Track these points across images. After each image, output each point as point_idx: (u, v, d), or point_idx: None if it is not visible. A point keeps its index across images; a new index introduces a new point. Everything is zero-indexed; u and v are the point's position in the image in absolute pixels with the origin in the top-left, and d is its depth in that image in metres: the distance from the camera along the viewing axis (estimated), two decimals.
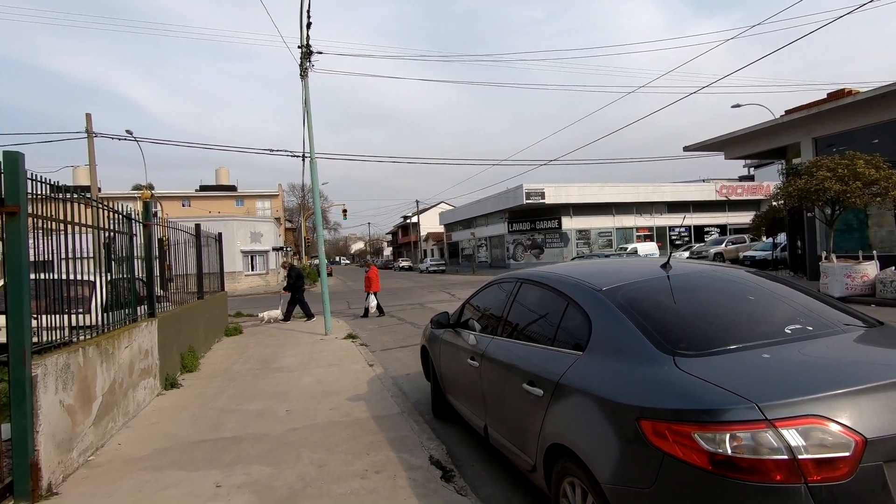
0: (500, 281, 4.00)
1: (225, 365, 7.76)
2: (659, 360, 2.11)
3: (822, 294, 2.77)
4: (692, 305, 2.59)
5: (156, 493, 3.36)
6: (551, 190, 37.34)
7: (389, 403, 5.25)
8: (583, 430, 2.26)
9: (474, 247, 49.31)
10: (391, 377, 6.66)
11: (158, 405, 5.60)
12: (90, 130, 19.63)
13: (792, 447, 1.61)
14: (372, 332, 11.13)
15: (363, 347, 8.81)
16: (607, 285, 2.74)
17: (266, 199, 54.10)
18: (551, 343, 2.83)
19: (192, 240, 9.22)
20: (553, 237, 39.74)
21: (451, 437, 4.46)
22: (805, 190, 12.62)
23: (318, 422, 4.74)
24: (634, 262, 3.45)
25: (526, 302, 3.44)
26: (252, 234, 34.24)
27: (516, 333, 3.30)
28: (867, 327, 2.40)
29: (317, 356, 8.10)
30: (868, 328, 2.40)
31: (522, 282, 3.52)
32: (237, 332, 11.12)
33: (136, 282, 5.90)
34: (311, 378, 6.58)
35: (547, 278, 3.23)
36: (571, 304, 2.80)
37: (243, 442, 4.29)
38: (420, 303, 17.68)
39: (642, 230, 40.99)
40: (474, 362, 3.65)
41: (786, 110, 18.30)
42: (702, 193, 41.91)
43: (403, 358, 8.13)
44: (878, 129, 15.06)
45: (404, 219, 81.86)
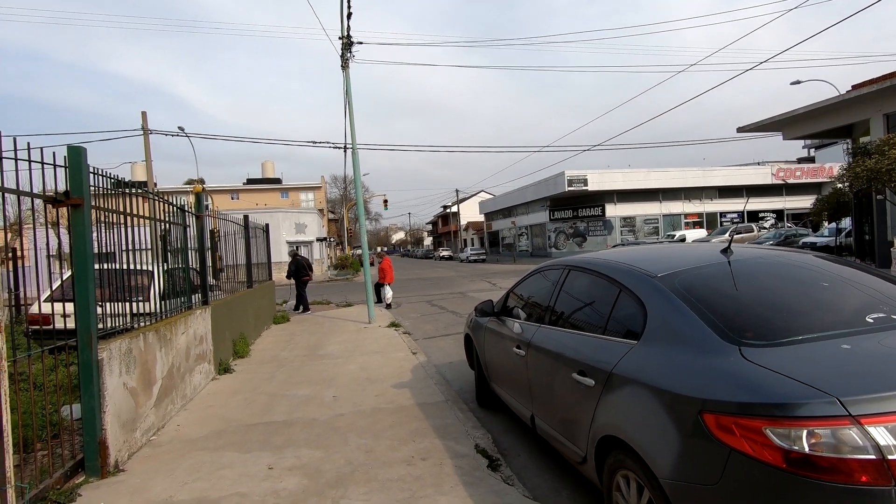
0: (547, 268, 3.90)
1: (274, 351, 8.01)
2: (723, 349, 1.98)
3: None
4: (758, 292, 2.42)
5: (213, 473, 3.49)
6: (594, 176, 36.37)
7: (433, 391, 5.26)
8: (639, 423, 2.16)
9: (515, 235, 48.84)
10: (434, 365, 6.69)
11: (213, 389, 5.84)
12: (146, 128, 20.60)
13: (881, 446, 1.46)
14: (414, 321, 11.22)
15: (406, 336, 8.89)
16: (663, 272, 2.60)
17: (309, 190, 55.42)
18: (602, 332, 2.73)
19: (241, 231, 9.53)
20: (596, 225, 38.78)
21: (496, 426, 4.42)
22: (875, 170, 11.72)
23: (363, 408, 4.81)
24: (690, 248, 3.27)
25: (574, 290, 3.33)
26: (297, 226, 35.17)
27: (564, 322, 3.21)
28: None
29: (361, 344, 8.24)
30: None
31: (570, 269, 3.41)
32: (285, 321, 11.46)
33: (191, 271, 6.14)
34: (356, 365, 6.70)
35: (597, 265, 3.11)
36: (624, 291, 2.68)
37: (293, 426, 4.40)
38: (461, 292, 17.68)
39: (691, 216, 39.38)
40: (520, 351, 3.58)
41: (853, 85, 17.01)
42: (756, 177, 39.75)
43: (446, 347, 8.14)
44: None
45: (444, 208, 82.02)
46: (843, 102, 16.44)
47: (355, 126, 11.16)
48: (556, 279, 3.56)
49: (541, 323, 3.47)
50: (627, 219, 38.58)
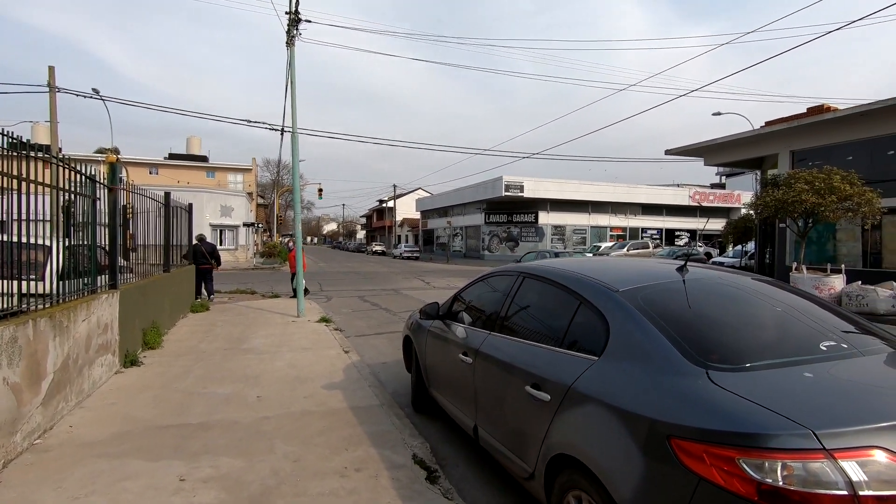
0: (498, 273, 3.79)
1: (191, 343, 7.35)
2: (690, 372, 1.94)
3: (839, 308, 2.65)
4: (718, 314, 2.43)
5: (112, 486, 3.04)
6: (530, 184, 37.37)
7: (367, 394, 5.01)
8: (599, 443, 2.07)
9: (450, 235, 49.12)
10: (368, 365, 6.41)
11: (117, 384, 5.21)
12: (52, 84, 18.40)
13: (853, 482, 1.45)
14: (346, 317, 10.82)
15: (337, 332, 8.51)
16: (624, 286, 2.56)
17: (239, 172, 52.44)
18: (560, 344, 2.64)
19: (161, 209, 8.69)
20: (529, 231, 39.88)
21: (434, 433, 4.26)
22: (783, 201, 12.85)
23: (291, 410, 4.46)
24: (645, 263, 3.28)
25: (528, 298, 3.23)
26: (222, 208, 33.12)
27: (517, 331, 3.10)
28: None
29: (289, 339, 7.77)
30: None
31: (525, 276, 3.32)
32: (204, 309, 10.63)
33: (98, 250, 5.45)
34: (284, 362, 6.27)
35: (554, 274, 3.02)
36: (584, 304, 2.61)
37: (211, 429, 3.98)
38: (395, 289, 17.40)
39: (616, 230, 41.58)
40: (467, 358, 3.44)
41: (766, 122, 18.63)
42: (675, 198, 42.74)
43: (379, 345, 7.88)
44: (853, 146, 15.48)
45: (380, 203, 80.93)
46: (757, 136, 17.95)
47: (297, 109, 10.57)
48: (508, 286, 3.45)
49: (491, 330, 3.35)
50: (558, 227, 40.02)
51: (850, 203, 12.38)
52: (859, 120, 14.88)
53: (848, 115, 14.95)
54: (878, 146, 14.98)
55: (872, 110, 14.30)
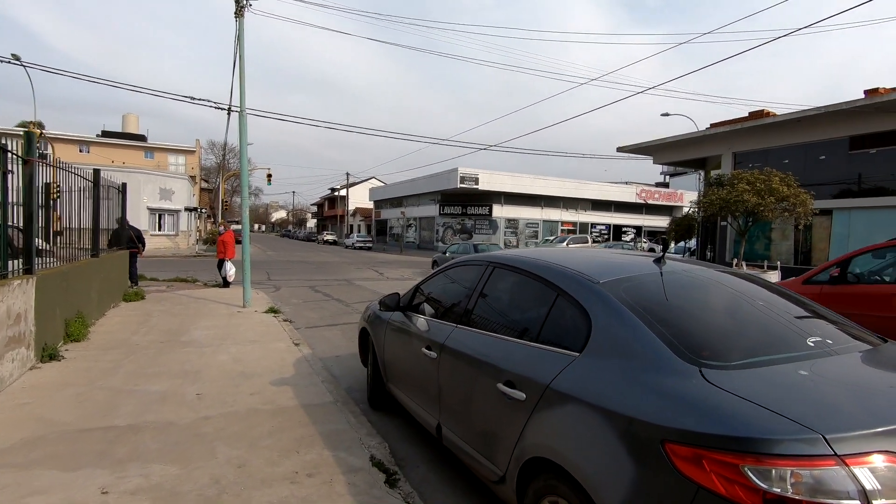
0: (464, 263, 3.58)
1: (122, 335, 6.72)
2: (682, 370, 1.80)
3: (812, 303, 2.63)
4: (701, 308, 2.33)
5: (17, 502, 2.61)
6: (485, 176, 37.48)
7: (320, 390, 4.69)
8: (581, 447, 1.91)
9: (403, 226, 48.64)
10: (320, 359, 6.07)
11: (32, 381, 4.63)
12: None
13: (867, 490, 1.34)
14: (296, 308, 10.34)
15: (287, 324, 8.07)
16: (605, 277, 2.41)
17: (181, 154, 49.53)
18: (535, 339, 2.46)
19: (90, 188, 7.90)
20: (483, 224, 40.08)
21: (392, 431, 4.02)
22: (726, 200, 13.42)
23: (236, 409, 4.09)
24: (620, 255, 3.17)
25: (499, 290, 3.05)
26: (162, 191, 31.17)
27: (488, 325, 2.90)
28: (881, 343, 2.27)
29: (234, 331, 7.27)
30: (884, 344, 2.27)
31: (495, 266, 3.12)
32: (139, 298, 9.84)
33: (11, 230, 4.81)
34: (228, 356, 5.82)
35: (528, 264, 2.85)
36: (562, 296, 2.44)
37: (142, 432, 3.56)
38: (347, 279, 16.92)
39: (567, 224, 42.51)
40: (431, 353, 3.22)
41: (711, 124, 19.45)
42: (623, 195, 44.18)
43: (332, 338, 7.53)
44: (790, 149, 16.40)
45: (332, 191, 79.01)
46: (702, 137, 18.70)
47: (245, 87, 9.92)
48: (476, 277, 3.25)
49: (457, 324, 3.14)
50: (512, 220, 40.45)
51: (787, 204, 13.10)
52: (795, 125, 15.76)
53: (785, 120, 15.81)
54: (811, 151, 15.95)
55: (806, 117, 15.18)
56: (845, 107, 14.07)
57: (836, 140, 15.15)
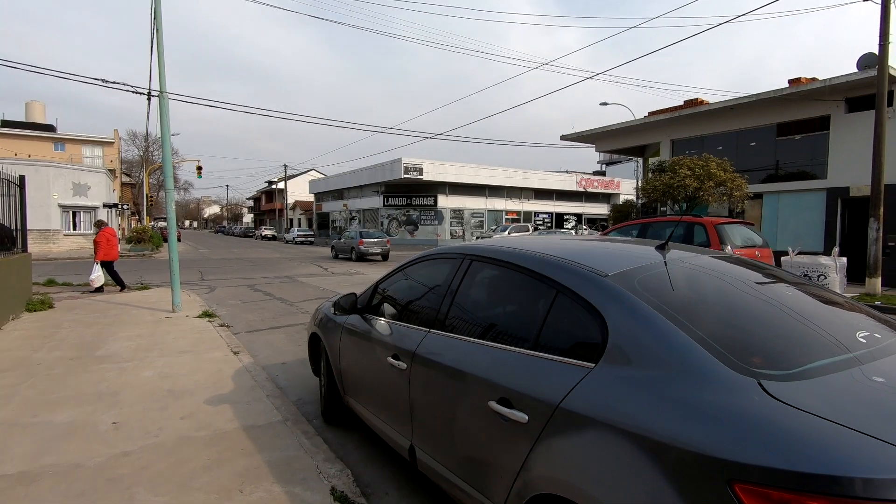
0: (433, 257, 3.12)
1: (21, 353, 5.73)
2: (736, 383, 1.45)
3: (831, 290, 2.39)
4: (734, 303, 1.99)
5: None
6: (430, 166, 37.01)
7: (266, 406, 4.09)
8: (609, 483, 1.52)
9: (346, 219, 47.30)
10: (263, 368, 5.42)
11: None
12: None
13: None
14: (234, 310, 9.46)
15: (224, 329, 7.28)
16: (612, 269, 2.03)
17: (97, 145, 45.35)
18: (532, 346, 2.05)
19: None
20: (428, 214, 39.65)
21: (353, 451, 3.52)
22: (670, 185, 13.76)
23: (162, 439, 3.43)
24: (612, 243, 2.81)
25: (481, 287, 2.62)
26: (76, 186, 28.33)
27: (469, 329, 2.47)
28: None
29: (161, 340, 6.42)
30: None
31: (473, 259, 2.68)
32: (45, 307, 8.62)
33: None
34: (154, 371, 5.05)
35: (515, 256, 2.42)
36: (564, 294, 2.04)
37: (37, 481, 2.85)
38: (289, 276, 15.96)
39: (511, 213, 42.91)
40: (399, 363, 2.75)
41: (649, 112, 19.98)
42: (564, 183, 45.16)
43: (276, 342, 6.84)
44: (724, 137, 17.09)
45: (269, 184, 75.67)
46: (643, 125, 19.17)
47: (164, 65, 8.86)
48: (449, 272, 2.80)
49: (430, 328, 2.69)
50: (457, 211, 40.27)
51: (724, 188, 13.59)
52: (728, 113, 16.42)
53: (719, 108, 16.42)
54: (743, 137, 16.70)
55: (739, 104, 15.83)
56: (773, 95, 14.77)
57: (764, 127, 15.93)
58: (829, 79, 13.48)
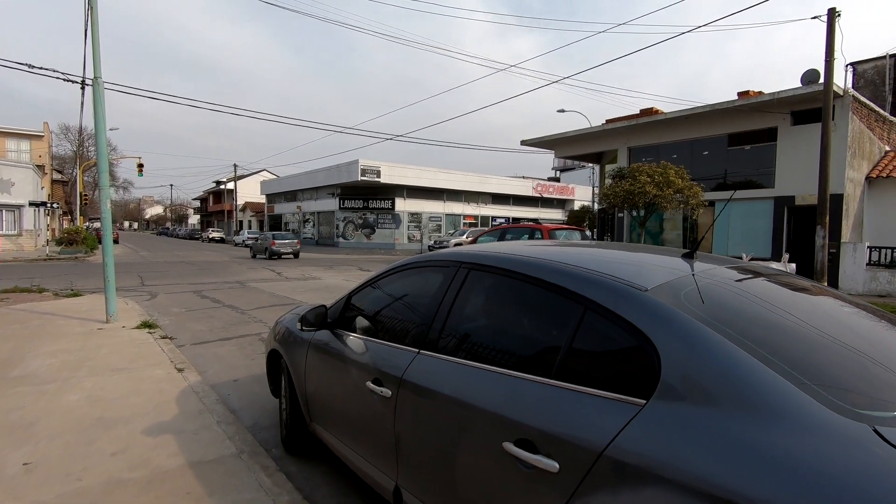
0: (421, 264, 2.71)
1: None
2: (845, 431, 1.14)
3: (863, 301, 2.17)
4: (798, 324, 1.70)
5: None
6: (387, 169, 36.44)
7: (216, 435, 3.55)
8: None
9: (300, 221, 45.87)
10: (212, 387, 4.83)
11: None
12: None
13: None
14: (178, 319, 8.65)
15: (167, 342, 6.55)
16: (649, 281, 1.71)
17: (23, 138, 41.74)
18: (558, 375, 1.69)
19: None
20: (385, 218, 39.00)
21: (321, 485, 3.06)
22: (630, 191, 13.92)
23: (87, 484, 2.84)
24: (625, 248, 2.51)
25: (484, 301, 2.25)
26: None
27: (471, 351, 2.09)
28: None
29: (92, 356, 5.66)
30: None
31: (471, 268, 2.31)
32: None
33: None
34: (80, 394, 4.36)
35: (526, 266, 2.06)
36: (594, 311, 1.70)
37: None
38: (239, 281, 15.03)
39: (469, 217, 42.92)
40: (382, 389, 2.33)
41: (606, 119, 20.33)
42: (521, 189, 45.69)
43: (227, 356, 6.20)
44: (678, 145, 17.58)
45: (217, 184, 72.44)
46: (601, 132, 19.47)
47: (100, 51, 8.00)
48: (442, 283, 2.41)
49: (420, 348, 2.29)
50: (415, 214, 39.83)
51: (681, 195, 13.90)
52: (683, 122, 16.90)
53: (674, 117, 16.88)
54: (696, 146, 17.23)
55: (692, 115, 16.32)
56: (724, 106, 15.29)
57: (716, 137, 16.49)
58: (776, 92, 14.08)
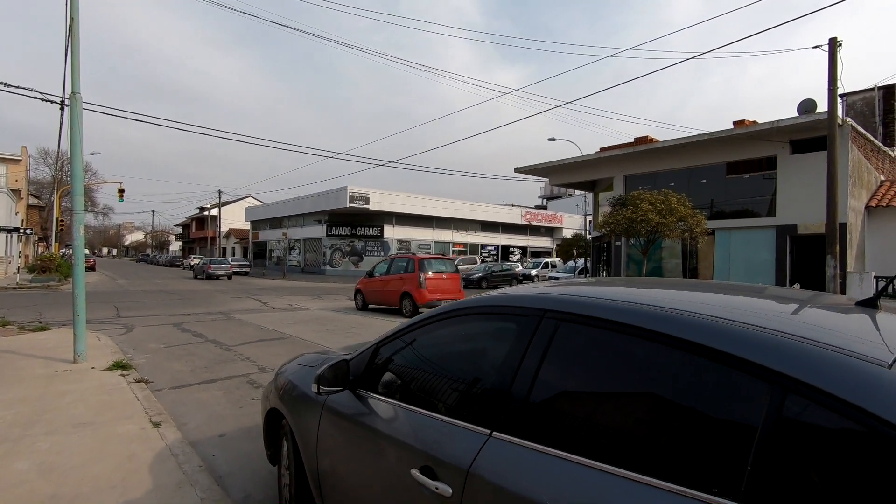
0: (485, 309, 2.07)
1: None
2: None
3: None
4: None
5: None
6: (376, 196, 36.01)
7: None
8: None
9: (286, 249, 44.92)
10: (193, 443, 4.09)
11: None
12: None
13: None
14: (156, 357, 7.82)
15: (140, 386, 5.76)
16: (879, 351, 1.14)
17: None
18: (749, 496, 1.10)
19: None
20: (374, 245, 38.36)
21: None
22: (631, 219, 13.57)
23: None
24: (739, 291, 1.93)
25: (592, 367, 1.64)
26: None
27: (576, 440, 1.48)
28: None
29: (52, 406, 4.87)
30: None
31: (562, 320, 1.71)
32: None
33: None
34: (31, 461, 3.59)
35: (667, 321, 1.46)
36: (802, 396, 1.11)
37: None
38: (223, 312, 14.17)
39: (458, 245, 42.49)
40: (437, 484, 1.70)
41: (601, 147, 20.23)
42: (510, 216, 45.59)
43: (211, 402, 5.44)
44: (675, 174, 17.43)
45: (201, 210, 71.23)
46: (596, 160, 19.31)
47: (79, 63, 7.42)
48: (518, 336, 1.80)
49: (493, 428, 1.67)
50: (404, 242, 39.27)
51: (684, 224, 13.59)
52: (680, 150, 16.79)
53: (670, 145, 16.76)
54: (694, 175, 17.09)
55: (690, 143, 16.22)
56: (722, 134, 15.21)
57: (714, 165, 16.38)
58: (776, 121, 14.02)
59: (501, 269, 28.76)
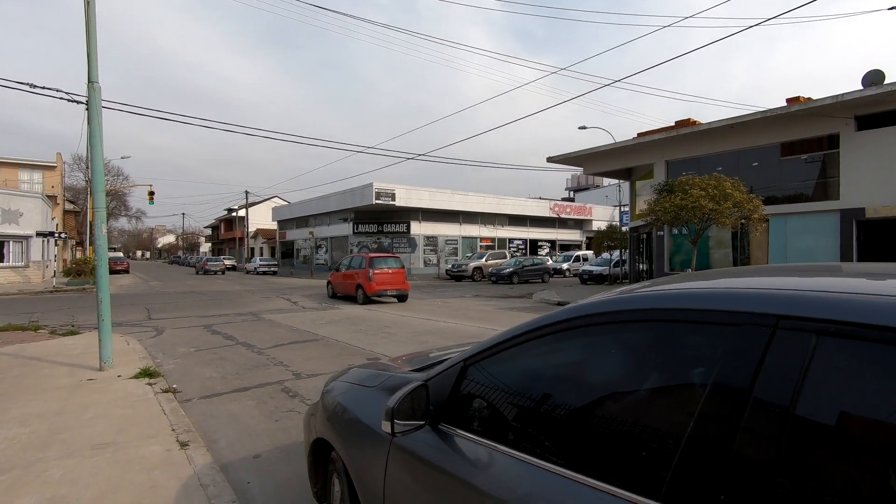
0: (634, 314, 1.40)
1: None
2: None
3: None
4: None
5: None
6: (402, 192, 35.51)
7: None
8: None
9: (313, 247, 44.91)
10: (225, 467, 3.54)
11: None
12: None
13: None
14: (185, 362, 7.38)
15: (168, 397, 5.28)
16: None
17: (36, 169, 41.64)
18: None
19: None
20: (401, 242, 37.90)
21: None
22: (682, 206, 12.61)
23: None
24: None
25: (858, 400, 0.95)
26: (4, 213, 25.20)
27: None
28: None
29: (71, 423, 4.40)
30: None
31: (820, 334, 1.02)
32: None
33: None
34: (40, 495, 3.07)
35: None
36: None
37: None
38: (254, 312, 13.82)
39: (486, 240, 41.70)
40: None
41: (638, 133, 19.18)
42: (538, 209, 44.49)
43: (243, 414, 4.91)
44: (722, 157, 16.30)
45: (229, 211, 72.25)
46: (634, 146, 18.28)
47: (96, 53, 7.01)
48: (729, 357, 1.12)
49: (656, 498, 1.00)
50: (430, 238, 38.71)
51: (740, 210, 12.56)
52: (728, 132, 15.66)
53: (718, 127, 15.65)
54: (743, 158, 15.94)
55: (738, 123, 15.08)
56: (777, 112, 14.06)
57: (767, 146, 15.21)
58: (838, 95, 12.83)
59: (533, 264, 27.93)
